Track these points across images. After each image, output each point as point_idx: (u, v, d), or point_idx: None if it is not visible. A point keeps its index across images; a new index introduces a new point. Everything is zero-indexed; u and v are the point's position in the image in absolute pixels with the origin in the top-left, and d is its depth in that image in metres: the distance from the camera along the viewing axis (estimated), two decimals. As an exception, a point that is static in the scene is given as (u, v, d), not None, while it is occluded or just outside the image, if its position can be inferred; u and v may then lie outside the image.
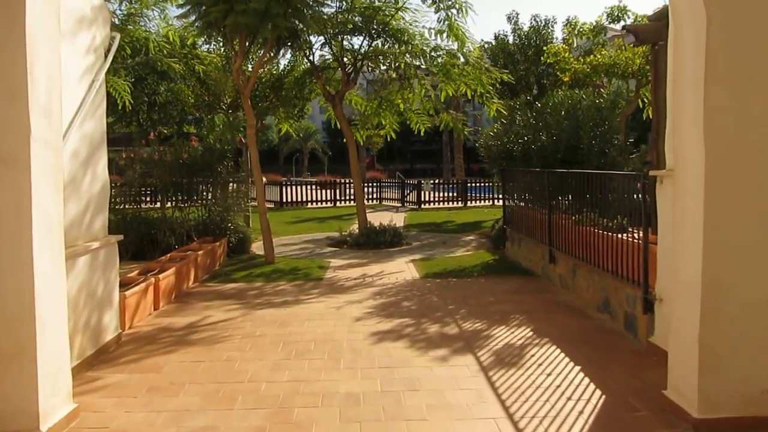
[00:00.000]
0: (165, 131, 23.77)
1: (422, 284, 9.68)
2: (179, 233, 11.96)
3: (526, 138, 11.73)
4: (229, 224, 12.30)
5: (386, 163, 64.56)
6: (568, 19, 20.86)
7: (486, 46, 22.34)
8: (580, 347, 6.27)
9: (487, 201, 25.50)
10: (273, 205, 25.96)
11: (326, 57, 15.15)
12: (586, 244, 7.82)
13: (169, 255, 10.09)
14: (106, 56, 6.29)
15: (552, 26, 21.81)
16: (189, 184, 12.10)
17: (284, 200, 25.95)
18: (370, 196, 27.44)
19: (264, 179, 30.44)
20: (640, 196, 6.62)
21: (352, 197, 25.17)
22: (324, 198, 26.59)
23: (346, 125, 14.32)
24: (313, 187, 27.25)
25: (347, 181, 26.96)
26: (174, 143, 12.28)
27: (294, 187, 26.77)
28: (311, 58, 14.25)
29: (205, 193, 12.55)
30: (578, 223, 8.20)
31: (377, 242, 13.76)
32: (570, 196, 8.93)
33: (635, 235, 6.52)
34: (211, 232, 12.15)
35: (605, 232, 7.25)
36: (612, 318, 7.07)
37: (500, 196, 25.19)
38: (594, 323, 7.20)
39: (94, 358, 5.90)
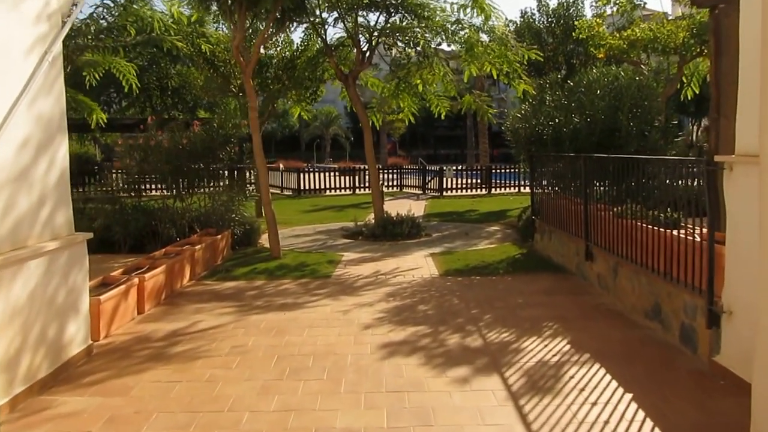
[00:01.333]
0: (179, 116, 22.97)
1: (441, 283, 8.68)
2: (180, 225, 11.09)
3: (557, 120, 10.61)
4: (233, 215, 11.38)
5: (409, 149, 63.47)
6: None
7: (511, 25, 21.10)
8: (629, 366, 5.24)
9: (512, 188, 24.33)
10: (291, 193, 25.17)
11: (341, 35, 14.19)
12: (631, 240, 6.75)
13: (164, 250, 9.22)
14: (64, 24, 5.35)
15: (582, 2, 20.51)
16: (189, 172, 11.19)
17: (302, 188, 25.04)
18: (391, 183, 26.44)
19: (281, 166, 29.66)
20: (695, 185, 5.59)
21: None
22: (343, 185, 25.60)
23: (361, 107, 13.31)
24: (332, 174, 26.23)
25: (367, 167, 25.92)
26: (173, 128, 11.36)
27: (312, 174, 25.82)
28: (323, 35, 13.23)
29: (207, 182, 11.63)
30: (621, 215, 7.13)
31: (394, 234, 12.77)
32: (610, 185, 7.85)
33: (695, 232, 5.46)
34: (215, 224, 11.26)
35: (655, 227, 6.18)
36: (663, 328, 6.01)
37: (527, 182, 24.14)
38: (642, 333, 6.15)
39: (53, 377, 5.02)
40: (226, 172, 11.92)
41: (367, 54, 13.40)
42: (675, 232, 5.78)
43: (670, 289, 5.88)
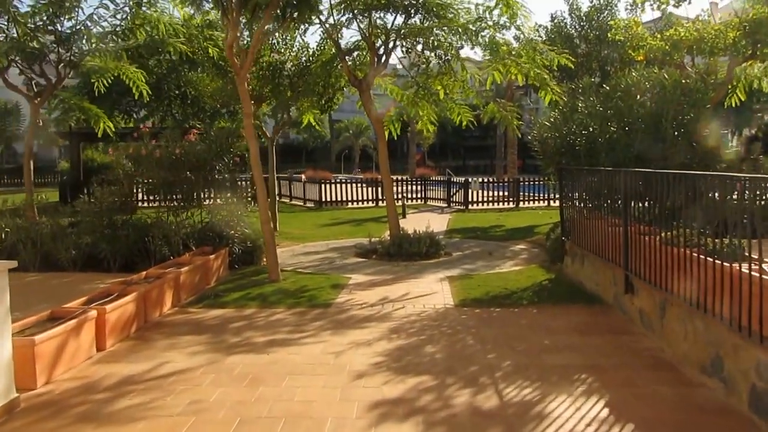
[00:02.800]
0: (198, 125, 22.20)
1: (455, 316, 7.51)
2: (175, 242, 10.12)
3: (591, 129, 9.40)
4: (233, 231, 10.37)
5: (438, 160, 62.18)
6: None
7: (541, 30, 19.90)
8: (686, 444, 4.03)
9: (541, 201, 23.01)
10: (313, 205, 24.14)
11: (356, 38, 13.20)
12: (684, 273, 5.53)
13: (144, 272, 8.25)
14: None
15: (616, 5, 19.17)
16: (184, 184, 10.23)
17: (324, 199, 23.99)
18: (415, 195, 25.25)
19: (303, 177, 28.71)
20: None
21: (395, 196, 23.02)
22: (366, 197, 24.45)
23: (375, 116, 12.24)
24: (356, 185, 25.09)
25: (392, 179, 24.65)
26: (167, 136, 10.42)
27: (334, 186, 24.71)
28: (335, 36, 12.23)
29: (204, 195, 10.67)
30: (670, 242, 5.91)
31: (410, 253, 11.64)
32: (656, 205, 6.62)
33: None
34: (212, 241, 10.29)
35: (717, 261, 4.96)
36: (726, 388, 4.78)
37: (556, 196, 22.74)
38: (698, 394, 4.92)
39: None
40: (227, 184, 10.90)
41: (383, 57, 12.37)
42: (744, 268, 4.57)
43: (736, 341, 4.66)
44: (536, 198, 23.26)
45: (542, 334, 6.70)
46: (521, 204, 22.98)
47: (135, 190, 10.77)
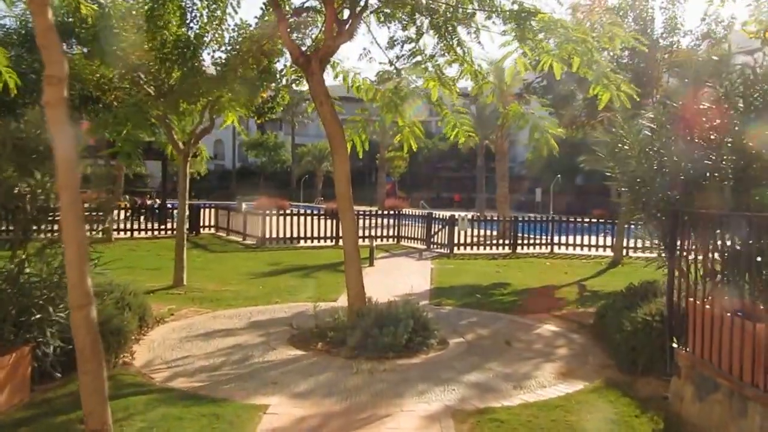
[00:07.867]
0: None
1: None
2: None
3: (742, 140, 4.86)
4: (40, 315, 5.47)
5: (409, 191, 57.72)
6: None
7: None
8: None
9: (543, 247, 18.44)
10: (254, 242, 19.09)
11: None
12: None
13: None
14: None
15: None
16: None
17: (268, 236, 18.93)
18: (386, 233, 20.46)
19: (243, 206, 23.63)
20: None
21: (361, 234, 18.14)
22: (323, 234, 19.47)
23: (329, 110, 7.50)
24: (310, 217, 20.05)
25: (357, 212, 19.65)
26: None
27: (283, 218, 19.56)
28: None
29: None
30: None
31: (381, 344, 6.89)
32: None
33: None
34: (9, 330, 5.40)
35: None
36: None
37: (561, 240, 18.22)
38: None
39: None
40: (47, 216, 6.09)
41: (348, 24, 7.76)
42: None
43: None
44: (535, 241, 18.70)
45: None
46: (519, 249, 18.31)
47: None
